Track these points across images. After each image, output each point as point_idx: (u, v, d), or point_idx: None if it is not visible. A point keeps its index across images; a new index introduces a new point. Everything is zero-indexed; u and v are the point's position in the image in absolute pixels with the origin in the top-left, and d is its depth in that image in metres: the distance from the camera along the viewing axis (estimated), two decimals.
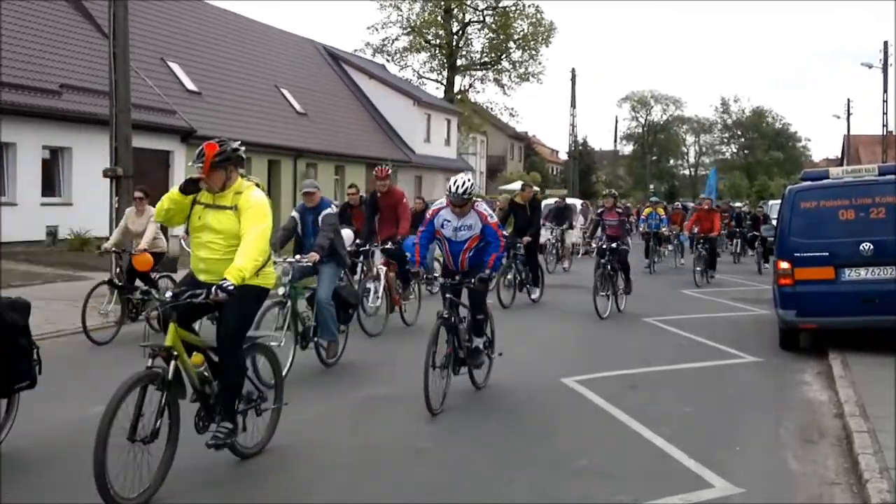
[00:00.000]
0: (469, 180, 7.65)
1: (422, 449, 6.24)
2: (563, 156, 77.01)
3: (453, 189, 7.53)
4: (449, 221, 7.77)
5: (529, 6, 53.75)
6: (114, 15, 14.17)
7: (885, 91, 45.12)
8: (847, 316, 9.61)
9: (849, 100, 71.28)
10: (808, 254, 9.80)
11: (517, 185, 20.44)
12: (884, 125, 45.90)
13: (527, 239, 14.13)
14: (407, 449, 6.21)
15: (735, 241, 26.18)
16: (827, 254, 9.75)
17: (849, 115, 56.62)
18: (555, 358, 9.81)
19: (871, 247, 9.55)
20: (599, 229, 14.47)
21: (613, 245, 13.47)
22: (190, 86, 28.86)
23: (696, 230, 19.50)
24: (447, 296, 7.57)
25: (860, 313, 9.53)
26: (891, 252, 9.53)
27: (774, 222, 20.71)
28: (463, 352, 7.62)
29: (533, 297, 14.71)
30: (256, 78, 33.93)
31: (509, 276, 14.40)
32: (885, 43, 45.53)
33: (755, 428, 6.96)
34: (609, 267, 13.31)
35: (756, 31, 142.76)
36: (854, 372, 8.47)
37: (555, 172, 79.98)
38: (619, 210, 14.51)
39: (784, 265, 9.97)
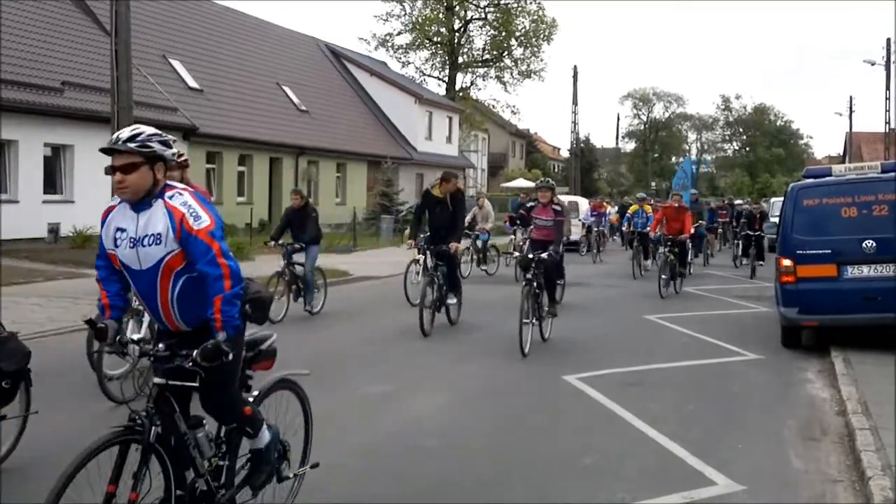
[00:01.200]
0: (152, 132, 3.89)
1: (423, 447, 6.24)
2: (565, 153, 77.00)
3: (112, 137, 3.87)
4: (123, 230, 3.92)
5: (531, 3, 53.81)
6: (115, 12, 14.17)
7: (888, 88, 45.05)
8: (849, 313, 9.62)
9: (851, 97, 71.53)
10: (811, 251, 9.80)
11: (519, 183, 19.85)
12: (886, 122, 45.83)
13: (455, 245, 11.22)
14: (407, 447, 6.21)
15: (736, 242, 23.77)
16: (829, 251, 9.75)
17: (851, 112, 56.67)
18: (556, 355, 9.80)
19: (874, 244, 9.54)
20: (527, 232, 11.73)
21: (543, 255, 10.15)
22: (191, 83, 28.87)
23: (661, 231, 16.80)
24: (153, 382, 3.88)
25: (862, 311, 9.53)
26: (893, 249, 9.52)
27: (774, 220, 20.48)
28: (202, 482, 4.01)
29: (452, 316, 11.68)
30: (258, 75, 33.95)
31: (430, 297, 11.06)
32: (888, 40, 45.46)
33: (757, 425, 6.96)
34: (535, 284, 10.05)
35: (758, 27, 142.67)
36: (856, 369, 8.46)
37: (556, 170, 79.96)
38: (557, 207, 10.94)
39: (786, 262, 9.97)
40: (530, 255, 10.17)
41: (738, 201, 33.91)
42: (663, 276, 15.60)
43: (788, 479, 5.63)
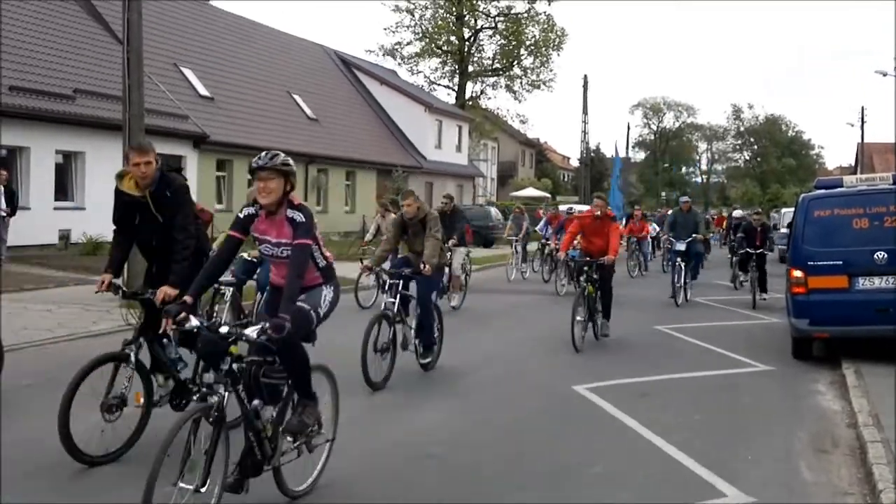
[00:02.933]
0: None
1: (432, 455, 6.22)
2: (575, 162, 77.01)
3: None
4: None
5: (541, 13, 53.93)
6: (128, 20, 14.26)
7: None
8: (860, 325, 9.57)
9: (863, 107, 71.32)
10: (822, 262, 9.76)
11: (529, 192, 17.95)
12: None
13: (168, 292, 5.75)
14: (417, 455, 6.19)
15: (733, 259, 20.49)
16: (840, 262, 9.71)
17: (863, 122, 56.57)
18: (566, 365, 9.78)
19: (885, 256, 9.51)
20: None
21: (251, 332, 4.56)
22: (202, 91, 29.00)
23: (576, 250, 12.54)
24: None
25: (873, 322, 9.48)
26: None
27: (784, 230, 19.91)
28: None
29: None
30: (269, 83, 34.08)
31: (119, 390, 5.77)
32: None
33: (767, 437, 6.92)
34: (243, 388, 4.76)
35: (771, 36, 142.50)
36: (867, 381, 8.41)
37: (566, 179, 79.95)
38: (299, 217, 5.02)
39: (797, 273, 9.93)
40: (223, 329, 4.59)
41: (736, 213, 28.26)
42: (578, 318, 10.61)
43: (799, 492, 5.59)
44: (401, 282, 8.81)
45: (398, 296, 8.72)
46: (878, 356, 9.46)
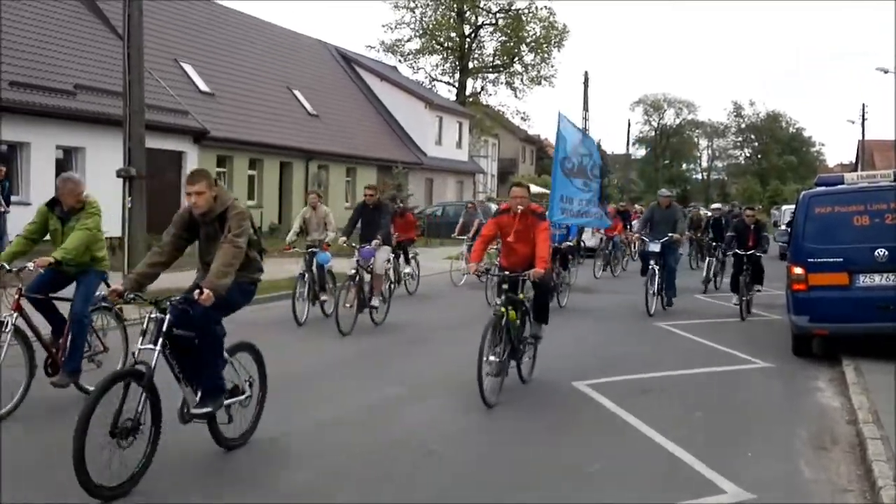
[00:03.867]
0: None
1: (433, 452, 6.22)
2: None
3: None
4: None
5: (542, 9, 53.89)
6: (128, 16, 14.25)
7: None
8: (860, 322, 9.57)
9: (864, 104, 71.16)
10: (823, 259, 9.76)
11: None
12: None
13: None
14: (418, 451, 6.19)
15: (708, 259, 18.76)
16: (841, 259, 9.71)
17: (863, 119, 56.51)
18: (566, 361, 9.77)
19: (886, 253, 9.50)
20: None
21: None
22: (203, 87, 28.98)
23: (496, 262, 9.34)
24: None
25: (874, 320, 9.48)
26: None
27: (784, 227, 19.67)
28: None
29: None
30: (269, 79, 34.06)
31: None
32: None
33: (767, 434, 6.92)
34: None
35: (771, 33, 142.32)
36: (867, 379, 8.41)
37: None
38: None
39: (798, 270, 9.93)
40: None
41: (715, 206, 24.98)
42: (492, 357, 7.54)
43: (798, 489, 5.60)
44: (167, 317, 5.44)
45: (164, 338, 5.41)
46: (877, 353, 9.46)
